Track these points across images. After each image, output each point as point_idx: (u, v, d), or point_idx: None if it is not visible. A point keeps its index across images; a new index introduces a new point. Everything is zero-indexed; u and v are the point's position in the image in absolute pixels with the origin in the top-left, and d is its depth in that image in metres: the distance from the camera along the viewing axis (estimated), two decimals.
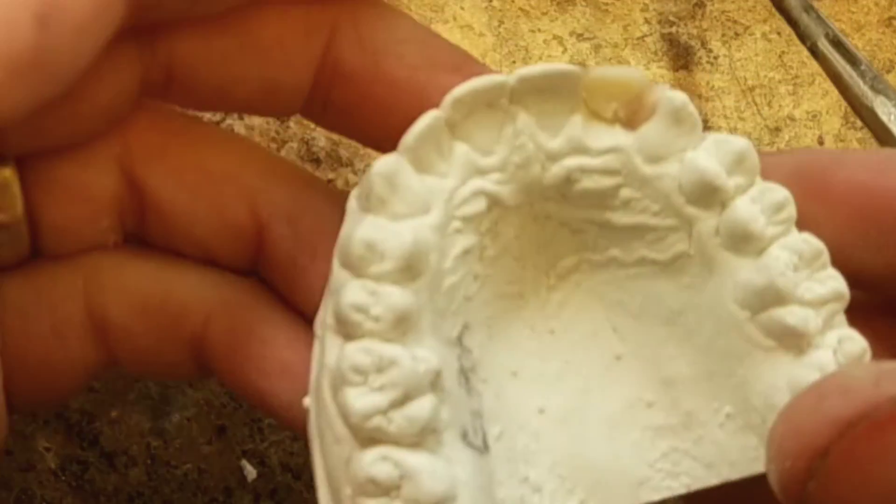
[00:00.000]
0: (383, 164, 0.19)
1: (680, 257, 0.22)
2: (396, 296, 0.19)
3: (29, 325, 0.20)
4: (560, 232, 0.22)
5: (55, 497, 0.27)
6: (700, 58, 0.34)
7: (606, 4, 0.35)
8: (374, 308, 0.19)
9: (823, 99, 0.34)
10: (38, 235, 0.20)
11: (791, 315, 0.21)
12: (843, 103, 0.34)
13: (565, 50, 0.34)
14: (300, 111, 0.21)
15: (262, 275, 0.22)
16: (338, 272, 0.20)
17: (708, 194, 0.21)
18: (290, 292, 0.22)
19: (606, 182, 0.21)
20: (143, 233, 0.21)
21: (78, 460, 0.19)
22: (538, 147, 0.21)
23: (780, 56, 0.34)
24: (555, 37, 0.34)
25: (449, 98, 0.20)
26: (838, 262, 0.20)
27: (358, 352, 0.19)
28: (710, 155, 0.21)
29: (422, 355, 0.19)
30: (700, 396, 0.23)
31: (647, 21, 0.34)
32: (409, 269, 0.19)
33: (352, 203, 0.20)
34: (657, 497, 0.22)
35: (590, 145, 0.21)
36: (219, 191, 0.21)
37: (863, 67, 0.26)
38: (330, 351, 0.19)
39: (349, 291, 0.19)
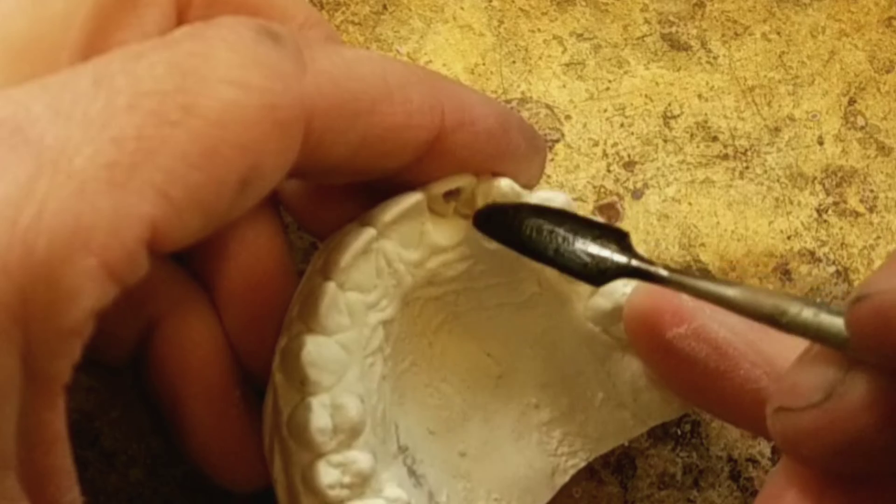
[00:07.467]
0: (307, 352, 0.23)
1: (532, 296, 0.26)
2: (362, 461, 0.23)
3: None
4: (427, 304, 0.26)
5: None
6: (700, 58, 0.34)
7: (606, 4, 0.35)
8: (344, 478, 0.22)
9: (823, 99, 0.34)
10: None
11: None
12: (843, 103, 0.34)
13: (565, 50, 0.34)
14: None
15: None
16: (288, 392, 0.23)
17: None
18: None
19: (463, 266, 0.25)
20: None
21: (78, 460, 0.19)
22: (405, 263, 0.24)
23: (780, 56, 0.34)
24: (555, 37, 0.34)
25: (337, 268, 0.23)
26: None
27: None
28: None
29: (394, 496, 0.23)
30: (575, 390, 0.27)
31: (647, 21, 0.34)
32: (355, 432, 0.23)
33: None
34: (567, 478, 0.27)
35: (444, 244, 0.25)
36: None
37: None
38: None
39: (322, 470, 0.22)
